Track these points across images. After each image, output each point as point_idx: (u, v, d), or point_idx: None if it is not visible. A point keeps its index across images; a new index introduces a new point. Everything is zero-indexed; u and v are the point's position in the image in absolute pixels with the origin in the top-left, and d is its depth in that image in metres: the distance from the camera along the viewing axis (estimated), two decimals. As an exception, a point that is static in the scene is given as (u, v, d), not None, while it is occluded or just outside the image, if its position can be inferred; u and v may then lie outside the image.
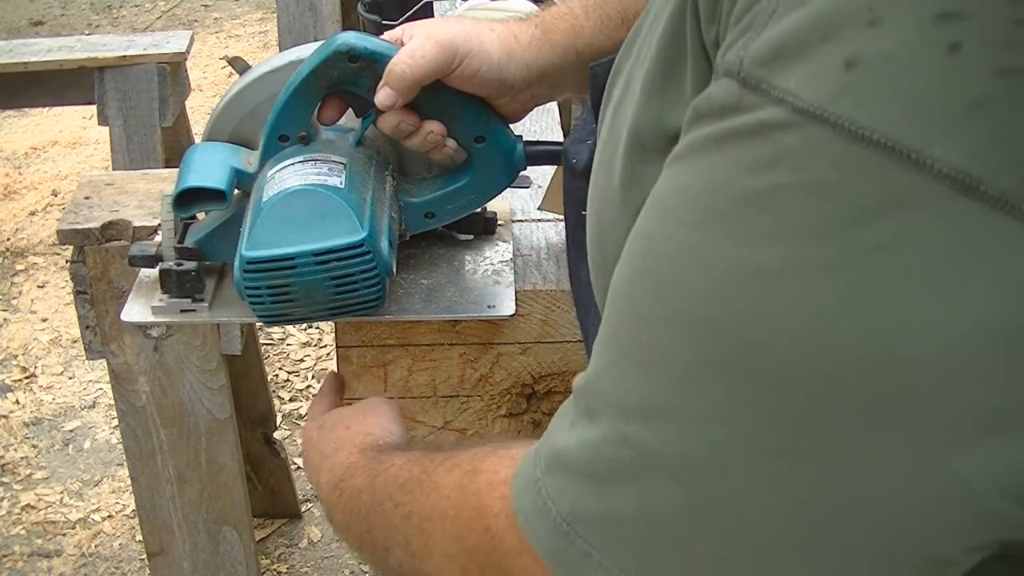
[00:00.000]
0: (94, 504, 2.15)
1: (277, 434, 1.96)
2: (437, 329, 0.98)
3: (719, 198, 0.40)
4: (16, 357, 2.59)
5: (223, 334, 1.28)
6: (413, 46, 0.83)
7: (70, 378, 2.52)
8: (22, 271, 2.96)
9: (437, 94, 0.85)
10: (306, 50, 0.88)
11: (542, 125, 1.31)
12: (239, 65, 1.71)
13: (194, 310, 0.94)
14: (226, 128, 0.94)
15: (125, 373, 1.27)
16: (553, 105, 1.33)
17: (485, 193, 0.95)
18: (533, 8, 1.18)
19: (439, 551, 0.58)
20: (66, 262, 1.45)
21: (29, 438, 2.34)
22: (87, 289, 1.22)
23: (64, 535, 2.08)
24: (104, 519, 2.11)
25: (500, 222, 1.05)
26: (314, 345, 2.61)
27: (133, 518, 2.04)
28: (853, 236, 0.36)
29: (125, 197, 1.22)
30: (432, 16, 1.63)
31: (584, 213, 0.61)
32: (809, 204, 0.37)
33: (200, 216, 0.97)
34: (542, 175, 1.12)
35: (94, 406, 2.43)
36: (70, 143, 3.68)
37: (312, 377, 2.51)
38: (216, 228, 0.93)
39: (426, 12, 1.61)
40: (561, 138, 1.24)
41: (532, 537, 0.48)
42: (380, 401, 0.89)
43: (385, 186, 0.90)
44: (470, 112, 0.89)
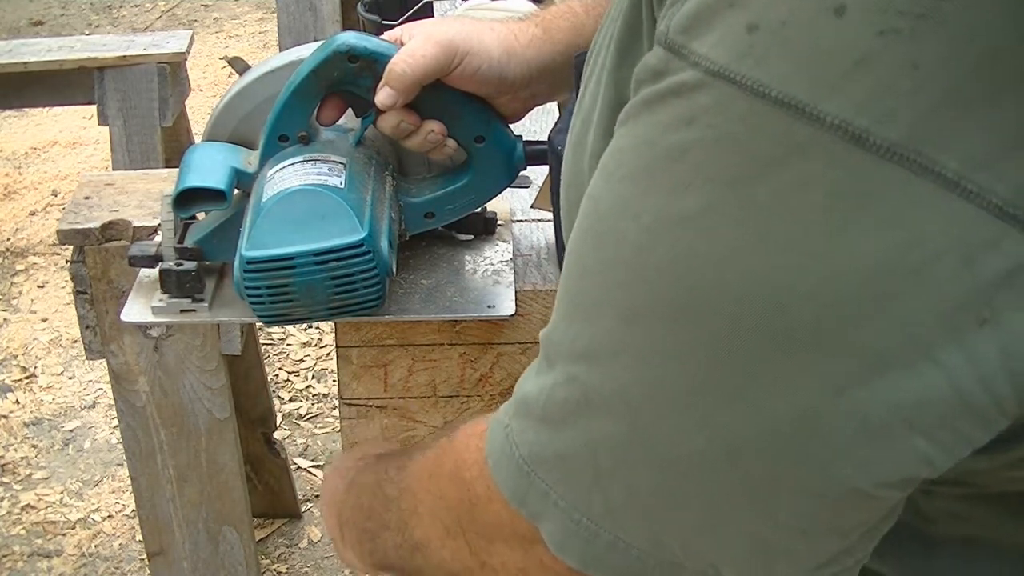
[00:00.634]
0: (94, 504, 2.15)
1: (277, 434, 1.96)
2: (437, 329, 0.98)
3: (647, 154, 0.43)
4: (16, 357, 2.59)
5: (223, 334, 1.28)
6: (413, 46, 0.83)
7: (70, 378, 2.52)
8: (22, 271, 2.96)
9: (437, 94, 0.85)
10: (306, 50, 0.88)
11: (542, 125, 1.31)
12: (239, 65, 1.71)
13: (194, 310, 0.94)
14: (226, 128, 0.94)
15: (125, 373, 1.27)
16: (553, 105, 1.33)
17: (485, 193, 0.95)
18: (533, 8, 1.18)
19: (426, 513, 0.61)
20: (66, 262, 1.45)
21: (29, 438, 2.34)
22: (87, 289, 1.22)
23: (64, 535, 2.08)
24: (104, 519, 2.11)
25: (500, 222, 1.05)
26: (314, 345, 2.61)
27: (133, 518, 2.04)
28: (759, 184, 0.39)
29: (125, 197, 1.22)
30: (432, 16, 1.63)
31: None
32: (720, 156, 0.40)
33: (200, 216, 0.97)
34: (542, 175, 1.12)
35: (94, 406, 2.43)
36: (70, 143, 3.68)
37: (312, 377, 2.51)
38: (216, 228, 0.93)
39: (426, 12, 1.61)
40: (561, 138, 1.23)
41: (498, 480, 0.52)
42: (381, 442, 0.92)
43: (385, 186, 0.90)
44: (470, 112, 0.89)
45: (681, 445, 0.44)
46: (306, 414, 2.40)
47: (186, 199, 0.89)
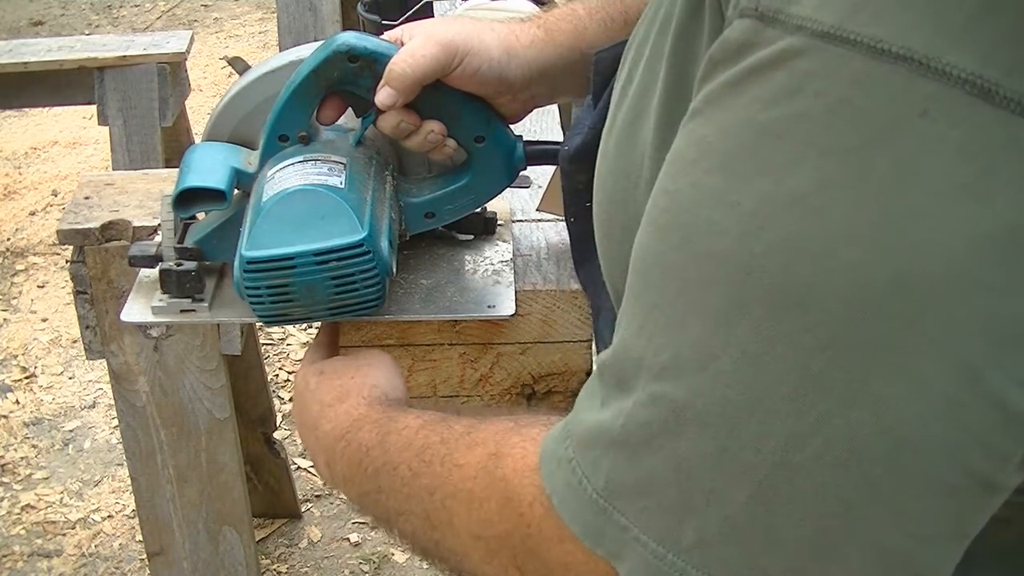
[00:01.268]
0: (94, 504, 2.15)
1: (277, 434, 1.96)
2: (437, 329, 0.97)
3: (741, 137, 0.40)
4: (16, 357, 2.59)
5: (223, 334, 1.28)
6: (413, 46, 0.83)
7: (70, 378, 2.52)
8: (22, 271, 2.96)
9: (437, 94, 0.85)
10: (306, 50, 0.88)
11: (542, 125, 1.31)
12: (239, 65, 1.71)
13: (194, 310, 0.94)
14: (226, 128, 0.94)
15: (125, 373, 1.27)
16: (553, 106, 1.33)
17: (485, 193, 0.95)
18: (534, 9, 1.18)
19: (465, 531, 0.57)
20: (66, 262, 1.45)
21: (29, 438, 2.34)
22: (87, 289, 1.22)
23: (64, 535, 2.08)
24: (104, 519, 2.11)
25: (500, 222, 1.05)
26: (314, 345, 2.61)
27: (133, 518, 2.03)
28: (879, 152, 0.37)
29: (125, 197, 1.22)
30: (432, 16, 1.63)
31: (589, 204, 0.61)
32: (833, 126, 0.37)
33: (200, 216, 0.97)
34: (542, 175, 1.12)
35: (94, 406, 2.43)
36: (70, 143, 3.68)
37: (312, 377, 2.51)
38: (216, 228, 0.93)
39: (426, 12, 1.61)
40: (561, 138, 1.24)
41: (568, 518, 0.48)
42: (379, 353, 0.89)
43: (385, 186, 0.90)
44: (470, 112, 0.89)
45: (792, 453, 0.40)
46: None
47: (186, 199, 0.89)
